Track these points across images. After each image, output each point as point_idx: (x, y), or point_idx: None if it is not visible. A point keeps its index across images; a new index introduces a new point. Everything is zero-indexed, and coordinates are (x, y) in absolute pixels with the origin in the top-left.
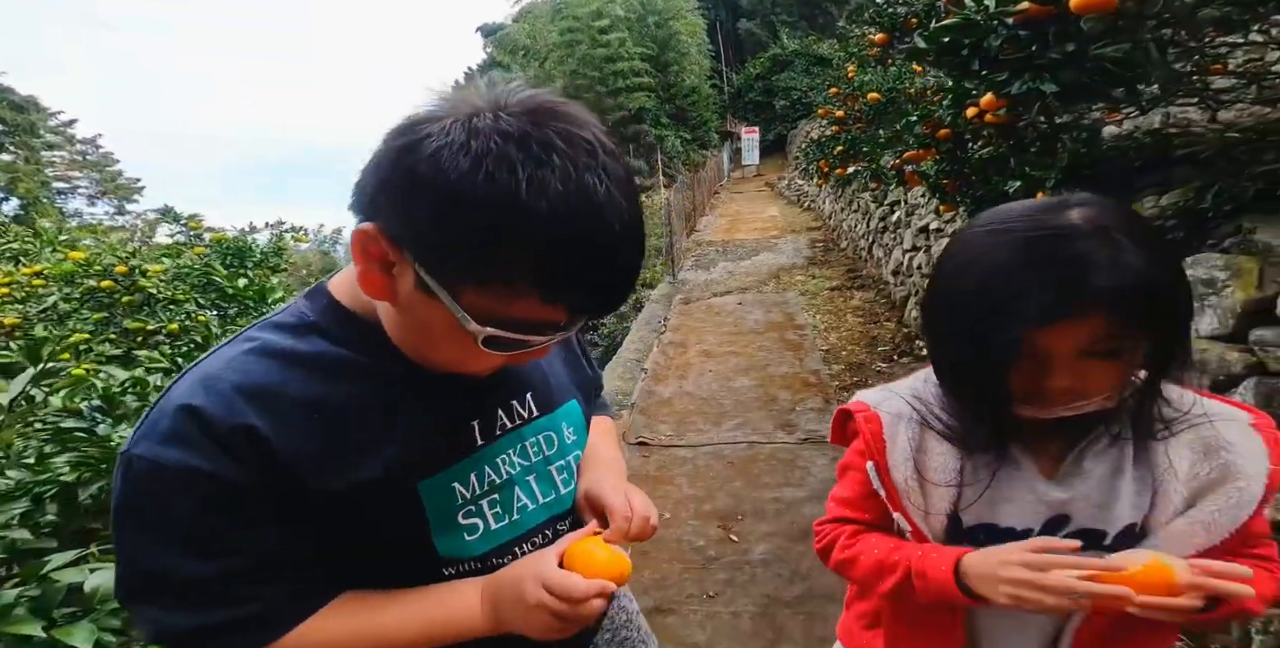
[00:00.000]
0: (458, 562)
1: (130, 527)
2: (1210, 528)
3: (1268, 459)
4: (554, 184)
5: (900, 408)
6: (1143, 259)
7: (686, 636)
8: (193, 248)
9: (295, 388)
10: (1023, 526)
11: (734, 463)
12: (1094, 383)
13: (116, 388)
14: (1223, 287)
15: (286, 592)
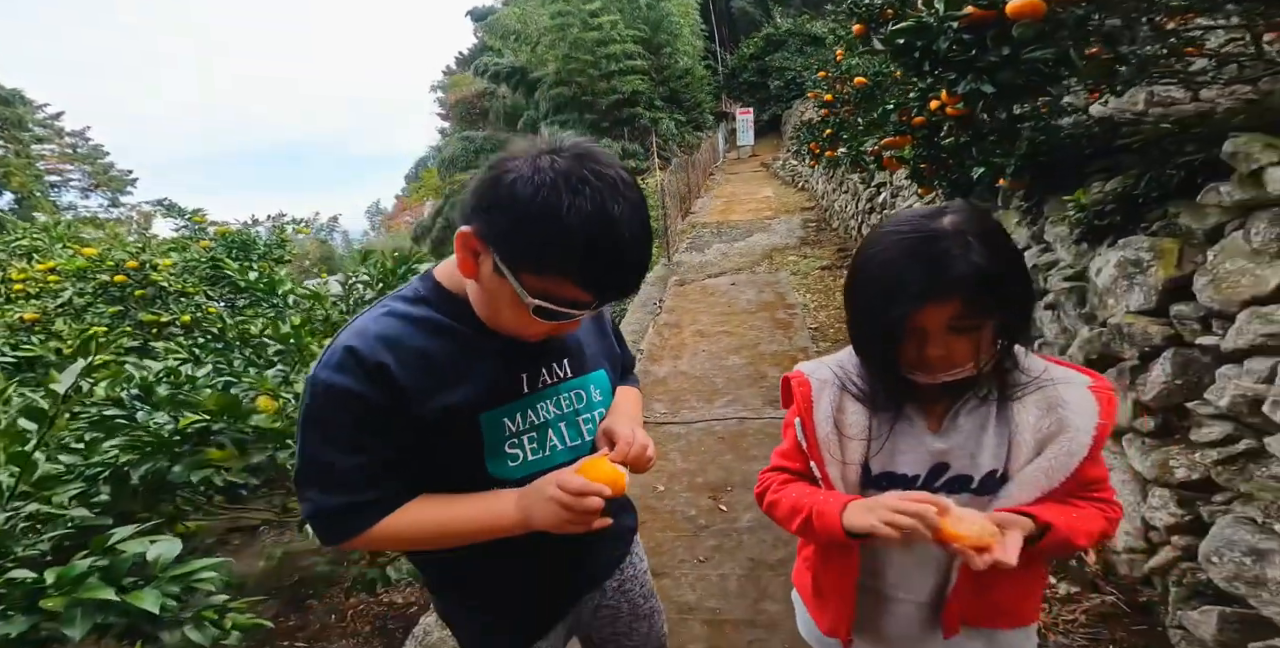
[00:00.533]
0: (500, 482)
1: (308, 430)
2: (1050, 473)
3: (1097, 415)
4: (585, 207)
5: (826, 375)
6: (986, 257)
7: (679, 596)
8: (198, 242)
9: (410, 340)
10: (913, 472)
11: (724, 438)
12: (960, 353)
13: (152, 378)
14: (1147, 266)
15: (394, 487)
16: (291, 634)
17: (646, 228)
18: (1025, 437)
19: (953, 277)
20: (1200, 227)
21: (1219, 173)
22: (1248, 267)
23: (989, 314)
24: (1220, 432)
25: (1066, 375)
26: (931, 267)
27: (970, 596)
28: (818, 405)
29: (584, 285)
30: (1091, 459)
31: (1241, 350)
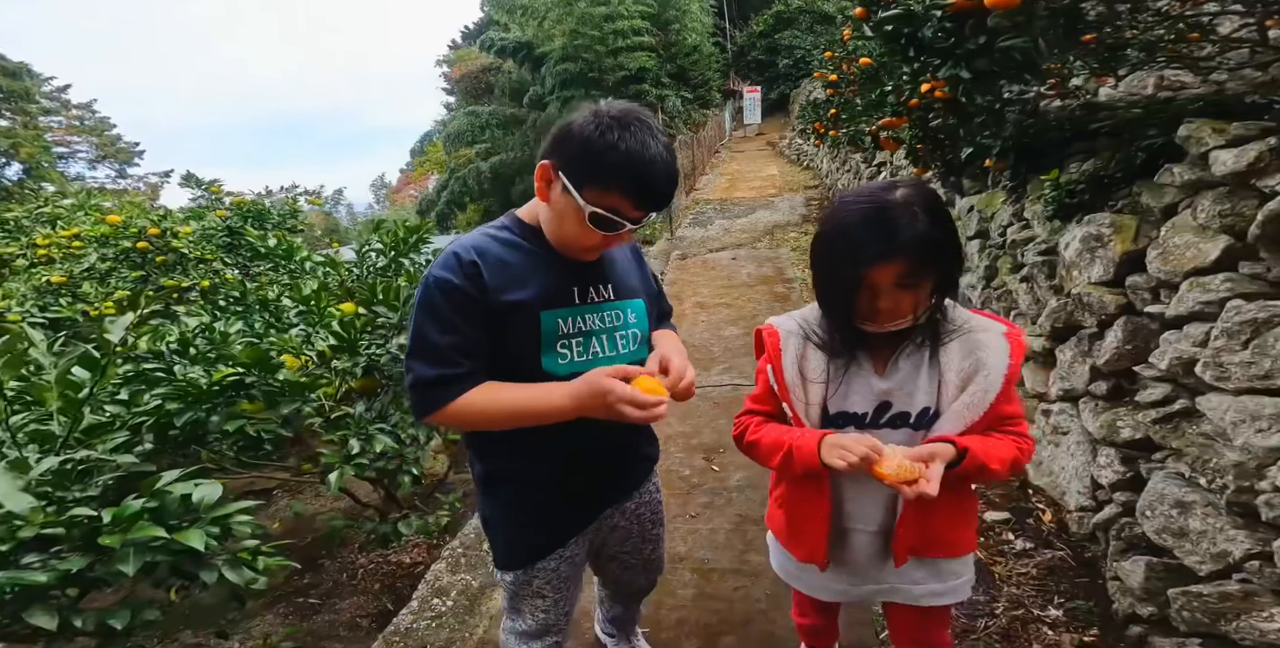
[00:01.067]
0: (549, 377)
1: (420, 314)
2: (971, 408)
3: (1008, 356)
4: (630, 141)
5: (792, 327)
6: (929, 225)
7: (671, 548)
8: (215, 211)
9: (495, 251)
10: (862, 410)
11: (719, 404)
12: (904, 305)
13: (190, 333)
14: (1108, 241)
15: (477, 367)
16: (305, 591)
17: (674, 162)
18: (951, 377)
19: (901, 241)
20: (1157, 204)
21: (1176, 155)
22: (1193, 241)
23: (929, 274)
24: (1160, 393)
25: (985, 324)
26: (884, 232)
27: (914, 526)
28: (785, 353)
29: (628, 196)
30: (1005, 396)
31: (1182, 317)
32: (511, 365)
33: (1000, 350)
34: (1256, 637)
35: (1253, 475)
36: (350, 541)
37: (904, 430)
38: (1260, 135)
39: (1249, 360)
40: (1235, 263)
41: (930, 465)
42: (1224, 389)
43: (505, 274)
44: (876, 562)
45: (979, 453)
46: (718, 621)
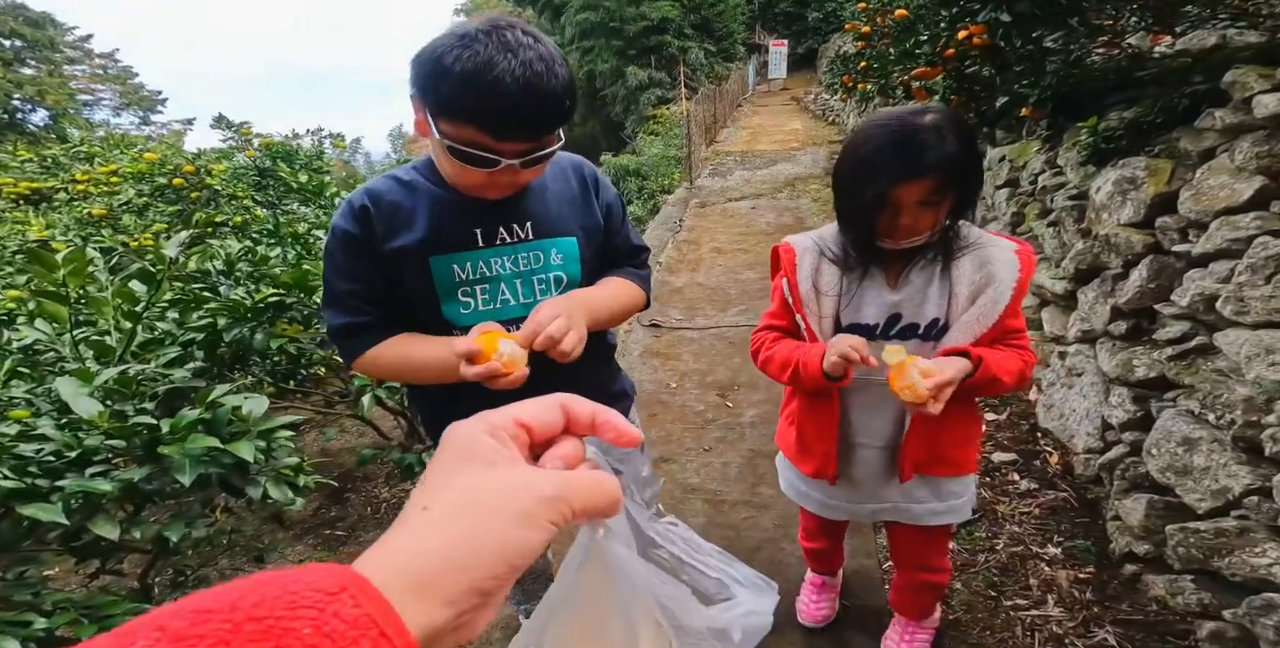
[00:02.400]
0: (455, 327)
1: (325, 261)
2: (980, 319)
3: (1018, 270)
4: (469, 61)
5: (808, 244)
6: (956, 147)
7: (684, 479)
8: (245, 152)
9: (390, 194)
10: (873, 321)
11: (734, 343)
12: (923, 223)
13: (234, 255)
14: (1141, 183)
15: (381, 316)
16: (333, 524)
17: (539, 80)
18: (961, 289)
19: (929, 161)
20: (1195, 148)
21: (1220, 101)
22: (1228, 181)
23: (951, 193)
24: (1178, 330)
25: (996, 240)
26: (913, 153)
27: (921, 441)
28: (800, 268)
29: (476, 125)
30: (1011, 310)
31: (1209, 254)
32: (414, 311)
33: (1010, 265)
34: (1247, 572)
35: (1260, 410)
36: (373, 476)
37: (913, 341)
38: None
39: (1270, 294)
40: (1268, 202)
41: (943, 390)
42: (1242, 324)
43: (395, 219)
44: (882, 478)
45: (991, 364)
46: (727, 547)
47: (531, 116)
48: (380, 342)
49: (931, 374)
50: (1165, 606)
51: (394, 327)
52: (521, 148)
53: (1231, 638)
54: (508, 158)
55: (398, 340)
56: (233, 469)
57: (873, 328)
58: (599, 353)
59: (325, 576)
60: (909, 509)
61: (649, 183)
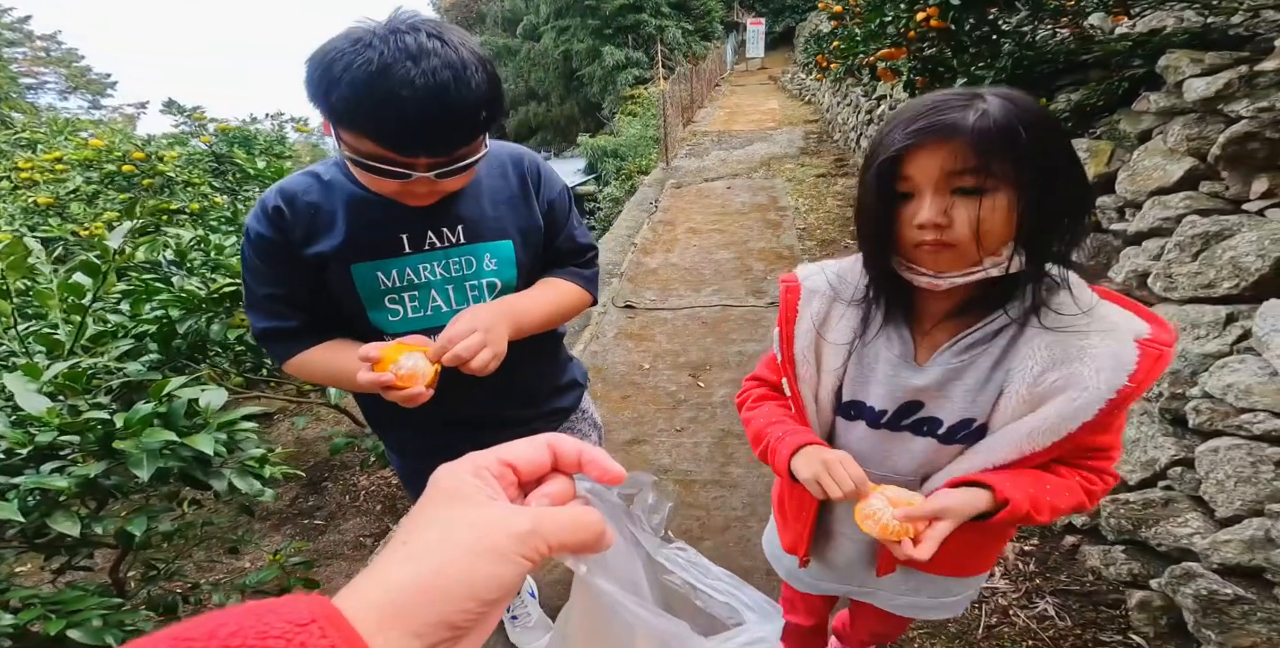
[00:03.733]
0: (385, 334)
1: (242, 265)
2: (1037, 436)
3: (1128, 376)
4: (360, 70)
5: (820, 284)
6: (1007, 114)
7: (656, 460)
8: (200, 137)
9: (306, 194)
10: (882, 406)
11: (708, 323)
12: (960, 223)
13: (185, 245)
14: (1083, 164)
15: (307, 320)
16: (310, 513)
17: (450, 93)
18: (1019, 389)
19: (958, 119)
20: (1134, 130)
21: (1156, 84)
22: (1160, 163)
23: (1003, 177)
24: None
25: (1116, 320)
26: (939, 109)
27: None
28: (801, 316)
29: (378, 140)
30: (1098, 425)
31: (1142, 233)
32: (343, 319)
33: (1118, 363)
34: (1171, 542)
35: (1186, 382)
36: (350, 464)
37: (926, 440)
38: (1233, 64)
39: (1196, 271)
40: (1196, 183)
41: (932, 525)
42: (1171, 299)
43: (313, 222)
44: (860, 567)
45: (1024, 504)
46: (698, 527)
47: (437, 132)
48: (308, 348)
49: (902, 504)
50: (1100, 576)
51: (321, 330)
52: (433, 161)
53: (1157, 607)
54: (419, 171)
55: (324, 348)
56: (193, 463)
57: (877, 415)
58: (538, 349)
59: (299, 607)
60: (889, 598)
61: (627, 163)
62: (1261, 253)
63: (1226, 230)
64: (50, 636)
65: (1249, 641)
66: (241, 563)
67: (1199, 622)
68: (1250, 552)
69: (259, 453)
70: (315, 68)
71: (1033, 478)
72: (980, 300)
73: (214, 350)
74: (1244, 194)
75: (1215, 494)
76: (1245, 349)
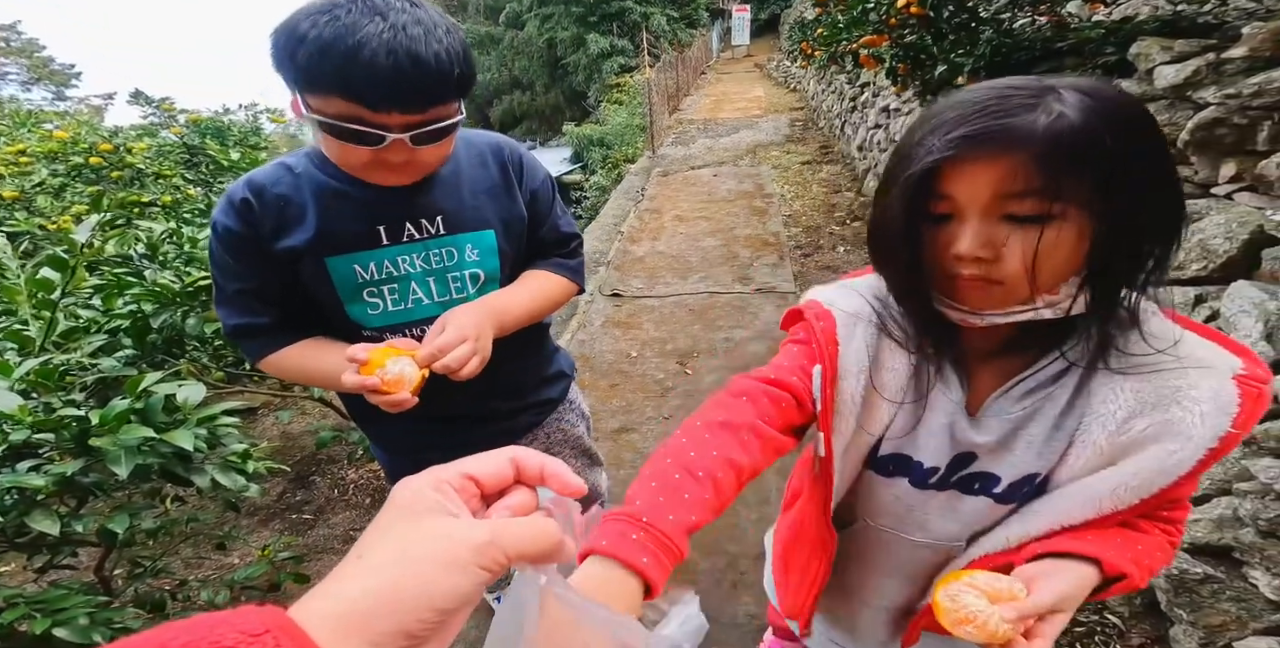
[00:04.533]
0: (364, 329)
1: (211, 261)
2: (1121, 493)
3: (1230, 421)
4: (327, 24)
5: (859, 307)
6: (1087, 113)
7: (644, 448)
8: (170, 128)
9: (276, 186)
10: (932, 463)
11: (694, 310)
12: (1010, 257)
13: (156, 238)
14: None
15: (279, 316)
16: (299, 508)
17: (412, 43)
18: (1097, 439)
19: (1021, 123)
20: None
21: (1128, 71)
22: None
23: (1075, 198)
24: None
25: (1207, 356)
26: (996, 109)
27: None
28: (845, 349)
29: (344, 95)
30: (1191, 477)
31: None
32: (318, 316)
33: (1218, 410)
34: None
35: None
36: (337, 457)
37: (979, 499)
38: (1201, 52)
39: None
40: None
41: (1046, 622)
42: None
43: (283, 215)
44: (879, 636)
45: (1134, 574)
46: None
47: (408, 81)
48: (283, 346)
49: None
50: None
51: (295, 326)
52: (407, 120)
53: None
54: (393, 132)
55: (302, 347)
56: (174, 459)
57: (927, 473)
58: (524, 342)
59: (253, 618)
60: None
61: (613, 152)
62: (1229, 235)
63: (1196, 214)
64: (36, 635)
65: (1219, 619)
66: (230, 559)
67: (1171, 602)
68: (1219, 531)
69: (242, 448)
70: (281, 34)
71: (1123, 539)
72: (1029, 338)
73: (191, 345)
74: (1212, 179)
75: None
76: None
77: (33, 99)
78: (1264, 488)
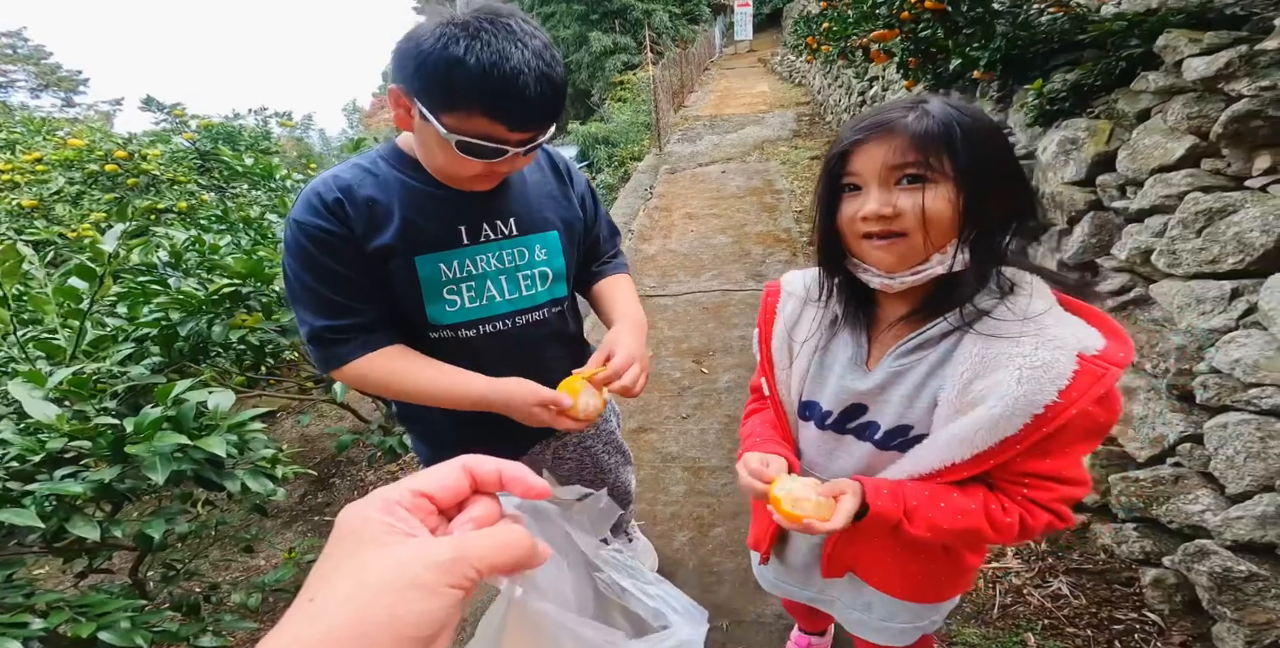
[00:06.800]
0: (439, 327)
1: (292, 260)
2: (957, 444)
3: (1057, 391)
4: (483, 52)
5: (797, 287)
6: (949, 116)
7: (663, 447)
8: (182, 134)
9: (361, 188)
10: (829, 406)
11: (708, 308)
12: (906, 211)
13: (180, 246)
14: (1082, 143)
15: (371, 317)
16: (320, 510)
17: (553, 67)
18: (950, 396)
19: (899, 119)
20: (1132, 109)
21: (1154, 64)
22: (1161, 141)
23: (943, 171)
24: (1118, 282)
25: (1061, 333)
26: (882, 112)
27: (845, 543)
28: (777, 317)
29: (491, 116)
30: (1033, 448)
31: (1145, 210)
32: (396, 316)
33: (1044, 378)
34: (1183, 519)
35: (1192, 358)
36: (356, 460)
37: (865, 445)
38: (1232, 44)
39: (1200, 247)
40: (1198, 160)
41: (839, 499)
42: (1175, 275)
43: (373, 215)
44: (814, 568)
45: (891, 514)
46: (708, 513)
47: (546, 108)
48: (368, 353)
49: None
50: (1112, 554)
51: (382, 329)
52: (529, 136)
53: (1171, 584)
54: (514, 147)
55: (395, 357)
56: (206, 465)
57: (825, 415)
58: (569, 337)
59: None
60: (846, 613)
61: (619, 150)
62: (1266, 229)
63: (1230, 207)
64: (82, 638)
65: (1265, 617)
66: (256, 561)
67: (1214, 599)
68: (1262, 528)
69: (270, 453)
70: (427, 55)
71: (933, 492)
72: (931, 305)
73: (215, 351)
74: (1246, 171)
75: (1225, 470)
76: (1252, 323)
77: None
78: None
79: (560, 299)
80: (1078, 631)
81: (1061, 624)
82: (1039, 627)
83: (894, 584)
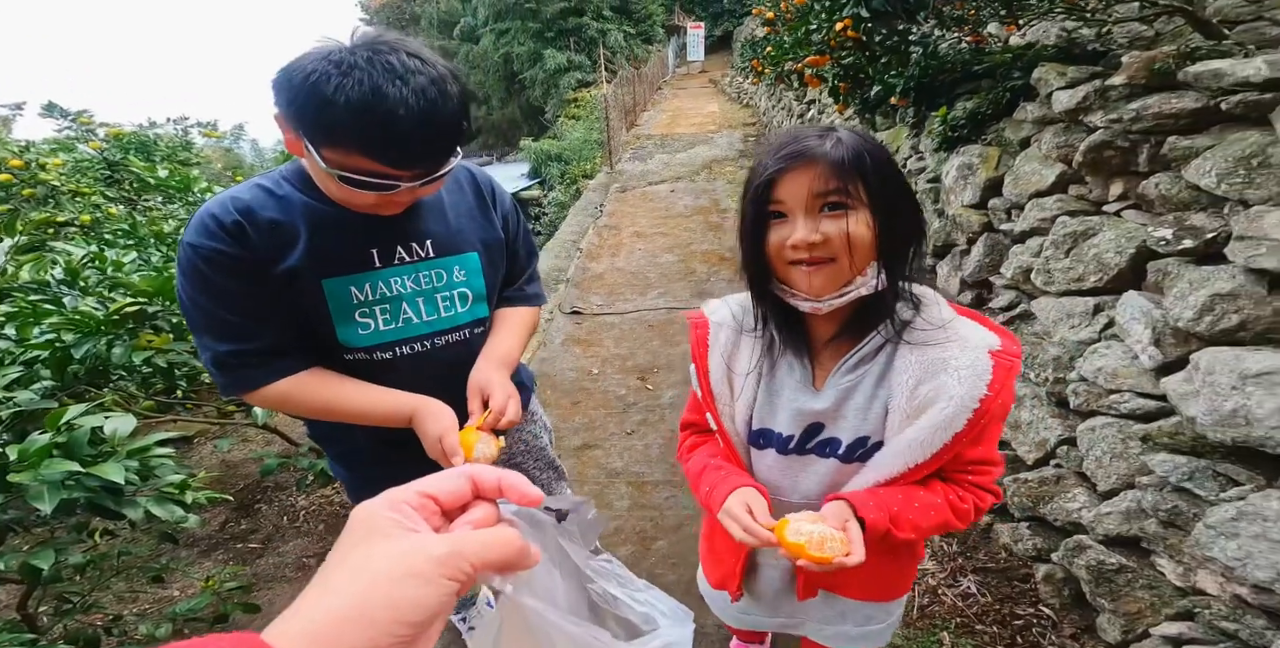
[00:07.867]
0: (353, 350)
1: (187, 284)
2: (918, 446)
3: (985, 386)
4: (354, 90)
5: (725, 317)
6: (857, 144)
7: (608, 463)
8: (89, 143)
9: (264, 210)
10: (788, 431)
11: (654, 326)
12: (832, 236)
13: (77, 263)
14: (976, 169)
15: (274, 339)
16: (244, 537)
17: (434, 106)
18: (900, 403)
19: (817, 147)
20: (1016, 137)
21: (1032, 95)
22: (1037, 168)
23: (859, 197)
24: (1007, 299)
25: (970, 334)
26: (799, 140)
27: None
28: (712, 349)
29: (370, 156)
30: (972, 436)
31: (1025, 232)
32: (306, 337)
33: (975, 373)
34: (1064, 516)
35: (1065, 367)
36: (285, 484)
37: (829, 461)
38: (1089, 78)
39: (1069, 266)
40: (1066, 186)
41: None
42: (1050, 292)
43: (278, 237)
44: (786, 595)
45: (880, 523)
46: (651, 527)
47: (429, 147)
48: (285, 375)
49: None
50: (1011, 552)
51: (294, 353)
52: (419, 172)
53: (1059, 579)
54: (405, 181)
55: (312, 381)
56: (102, 493)
57: (785, 440)
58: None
59: (224, 643)
60: (818, 629)
61: (571, 167)
62: (1119, 250)
63: (1091, 230)
64: None
65: (1135, 606)
66: (169, 592)
67: (1093, 592)
68: (1128, 522)
69: (178, 479)
70: (299, 90)
71: (905, 495)
72: (858, 322)
73: (117, 374)
74: (1104, 197)
75: (1095, 470)
76: (1111, 336)
77: None
78: (1160, 481)
79: (483, 319)
80: (985, 628)
81: (971, 622)
82: (953, 625)
83: (870, 588)
